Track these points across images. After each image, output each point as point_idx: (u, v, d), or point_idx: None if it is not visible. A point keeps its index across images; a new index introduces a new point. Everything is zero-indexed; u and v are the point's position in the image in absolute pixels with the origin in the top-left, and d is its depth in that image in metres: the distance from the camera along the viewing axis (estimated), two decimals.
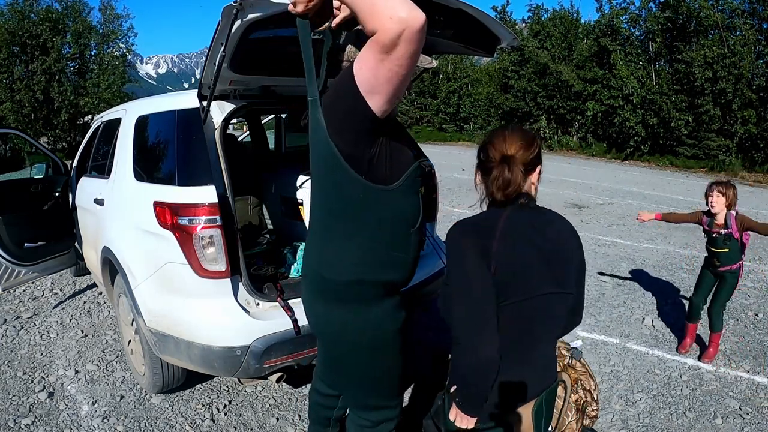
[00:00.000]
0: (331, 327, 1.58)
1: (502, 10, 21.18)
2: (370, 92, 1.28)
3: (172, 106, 2.56)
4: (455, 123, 23.32)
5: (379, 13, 1.13)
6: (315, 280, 1.56)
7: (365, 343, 1.56)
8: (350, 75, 1.29)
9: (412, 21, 1.12)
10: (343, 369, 1.67)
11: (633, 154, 16.24)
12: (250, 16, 1.68)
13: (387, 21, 1.12)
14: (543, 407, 1.33)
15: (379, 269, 1.49)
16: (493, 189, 1.27)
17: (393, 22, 1.11)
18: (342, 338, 1.58)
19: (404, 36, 1.13)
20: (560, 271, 1.29)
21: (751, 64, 13.47)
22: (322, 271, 1.52)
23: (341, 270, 1.48)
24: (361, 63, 1.26)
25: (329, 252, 1.50)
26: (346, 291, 1.50)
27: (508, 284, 1.21)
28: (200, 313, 2.26)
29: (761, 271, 5.05)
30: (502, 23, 2.32)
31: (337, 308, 1.53)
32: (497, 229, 1.24)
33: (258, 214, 3.85)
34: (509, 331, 1.24)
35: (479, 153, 1.35)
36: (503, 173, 1.25)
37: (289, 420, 2.67)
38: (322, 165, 1.44)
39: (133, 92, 20.66)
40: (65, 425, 2.61)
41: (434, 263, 2.95)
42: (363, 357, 1.60)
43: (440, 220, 3.61)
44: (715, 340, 3.28)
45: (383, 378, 1.67)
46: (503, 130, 1.33)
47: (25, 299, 4.31)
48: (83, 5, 19.19)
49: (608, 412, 2.72)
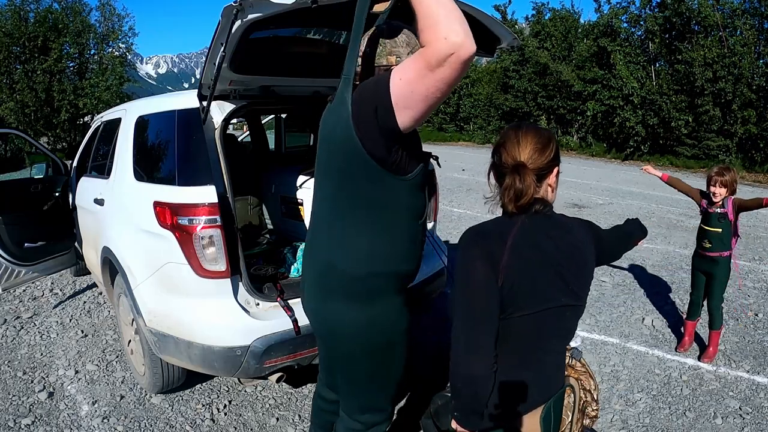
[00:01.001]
0: (342, 326, 1.52)
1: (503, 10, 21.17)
2: (402, 107, 1.26)
3: (172, 106, 2.56)
4: (455, 123, 23.31)
5: (437, 27, 1.12)
6: (325, 275, 1.50)
7: (377, 343, 1.53)
8: (386, 84, 1.26)
9: (464, 49, 1.12)
10: (345, 369, 1.63)
11: (633, 154, 16.23)
12: (250, 16, 1.68)
13: (441, 39, 1.12)
14: (551, 413, 1.31)
15: (393, 261, 1.48)
16: (504, 200, 1.21)
17: (446, 42, 1.11)
18: (352, 338, 1.53)
19: (451, 59, 1.12)
20: (575, 282, 1.25)
21: (751, 64, 13.46)
22: (336, 262, 1.46)
23: (355, 261, 1.44)
24: (400, 74, 1.24)
25: (343, 243, 1.46)
26: (360, 285, 1.46)
27: (518, 296, 1.17)
28: (200, 313, 2.26)
29: (761, 271, 5.05)
30: (502, 23, 2.32)
31: (348, 306, 1.49)
32: (508, 240, 1.18)
33: (258, 214, 3.85)
34: (520, 341, 1.21)
35: (493, 154, 1.28)
36: (514, 183, 1.17)
37: (289, 420, 2.67)
38: (337, 149, 1.39)
39: (133, 92, 20.64)
40: (65, 425, 2.61)
41: (434, 263, 2.94)
42: (373, 357, 1.56)
43: (440, 220, 3.61)
44: (715, 338, 3.28)
45: (385, 381, 1.64)
46: (516, 132, 1.25)
47: (25, 299, 4.32)
48: (83, 5, 19.18)
49: (608, 412, 2.72)
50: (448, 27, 1.11)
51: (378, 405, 1.69)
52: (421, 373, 2.97)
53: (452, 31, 1.11)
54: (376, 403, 1.68)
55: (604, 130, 17.44)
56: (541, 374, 1.29)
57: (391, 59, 1.59)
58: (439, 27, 1.12)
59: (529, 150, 1.21)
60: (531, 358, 1.25)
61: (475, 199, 8.57)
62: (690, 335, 3.40)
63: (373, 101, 1.29)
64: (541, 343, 1.25)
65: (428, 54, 1.14)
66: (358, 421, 1.69)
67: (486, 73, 22.87)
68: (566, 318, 1.26)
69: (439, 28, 1.12)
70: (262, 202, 3.85)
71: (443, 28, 1.11)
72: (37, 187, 4.06)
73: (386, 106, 1.26)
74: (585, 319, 3.81)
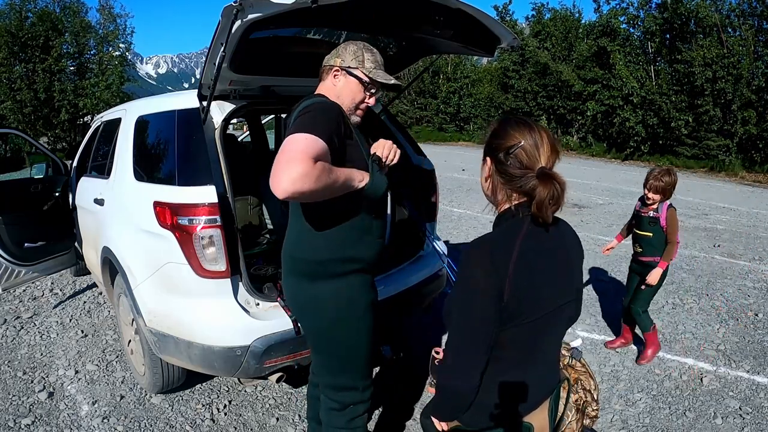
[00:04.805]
0: (304, 300, 1.73)
1: (503, 10, 21.17)
2: None
3: (172, 106, 2.56)
4: (455, 123, 23.30)
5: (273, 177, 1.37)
6: (291, 262, 1.73)
7: (335, 314, 1.70)
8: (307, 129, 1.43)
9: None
10: (316, 343, 1.80)
11: (633, 154, 16.23)
12: (250, 16, 1.68)
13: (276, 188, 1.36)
14: (553, 404, 1.35)
15: (349, 247, 1.68)
16: (542, 209, 1.10)
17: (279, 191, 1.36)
18: (314, 310, 1.72)
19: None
20: (570, 280, 1.26)
21: (750, 65, 13.47)
22: (294, 253, 1.71)
23: (313, 251, 1.66)
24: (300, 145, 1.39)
25: (302, 236, 1.68)
26: (321, 268, 1.67)
27: (524, 306, 1.14)
28: (200, 313, 2.26)
29: (761, 271, 5.05)
30: (501, 23, 2.32)
31: (309, 283, 1.69)
32: (514, 250, 1.12)
33: (258, 214, 3.85)
34: (520, 345, 1.20)
35: (500, 153, 1.18)
36: (554, 191, 1.08)
37: (289, 420, 2.67)
38: None
39: (133, 92, 20.64)
40: (65, 425, 2.61)
41: (434, 263, 2.94)
42: (334, 329, 1.72)
43: (440, 220, 3.61)
44: (650, 339, 3.18)
45: (351, 355, 1.77)
46: (531, 131, 1.15)
47: (25, 299, 4.32)
48: (81, 5, 19.18)
49: (608, 412, 2.72)
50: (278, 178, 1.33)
51: (349, 383, 1.81)
52: (421, 373, 2.97)
53: (274, 182, 1.34)
54: (347, 379, 1.80)
55: (604, 130, 17.45)
56: (545, 368, 1.31)
57: (336, 61, 1.72)
58: (272, 175, 1.35)
59: (548, 151, 1.15)
60: (531, 359, 1.25)
61: (475, 199, 8.55)
62: (626, 338, 3.37)
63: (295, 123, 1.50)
64: (542, 341, 1.25)
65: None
66: (333, 399, 1.83)
67: (486, 73, 22.88)
68: (562, 315, 1.26)
69: (271, 177, 1.35)
70: (262, 202, 3.85)
71: (272, 177, 1.34)
72: (37, 187, 4.06)
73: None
74: (585, 319, 3.81)
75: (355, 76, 1.71)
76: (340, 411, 1.83)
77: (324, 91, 1.74)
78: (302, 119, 1.49)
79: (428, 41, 2.54)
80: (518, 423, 1.26)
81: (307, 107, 1.57)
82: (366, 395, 1.86)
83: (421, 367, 3.05)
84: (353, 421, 1.84)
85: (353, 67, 1.70)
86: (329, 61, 1.74)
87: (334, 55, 1.74)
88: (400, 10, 2.16)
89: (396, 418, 2.67)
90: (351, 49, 1.72)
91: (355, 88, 1.72)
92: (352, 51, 1.71)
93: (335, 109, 1.63)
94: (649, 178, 3.03)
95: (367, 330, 1.78)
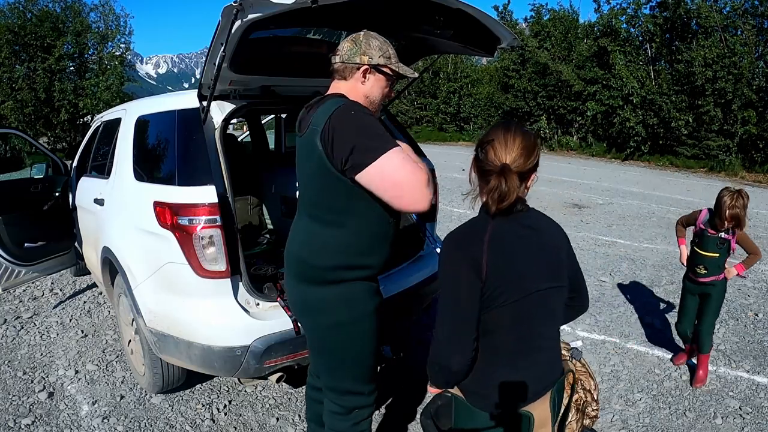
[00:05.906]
0: (309, 304, 1.71)
1: (503, 10, 21.16)
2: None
3: (172, 106, 2.56)
4: (455, 123, 23.30)
5: (401, 200, 1.54)
6: (296, 264, 1.70)
7: (340, 319, 1.68)
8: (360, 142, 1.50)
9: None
10: (320, 348, 1.78)
11: (633, 154, 16.22)
12: (250, 16, 1.68)
13: (408, 207, 1.58)
14: (555, 396, 1.37)
15: (360, 255, 1.66)
16: (488, 200, 1.24)
17: (412, 208, 1.57)
18: (319, 314, 1.70)
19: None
20: (552, 264, 1.30)
21: (751, 64, 13.46)
22: (306, 257, 1.67)
23: (326, 256, 1.63)
24: (381, 168, 1.49)
25: (315, 241, 1.65)
26: (327, 274, 1.65)
27: (503, 287, 1.21)
28: (200, 313, 2.26)
29: (761, 271, 5.05)
30: (502, 23, 2.32)
31: (315, 287, 1.67)
32: (485, 237, 1.22)
33: (258, 214, 3.86)
34: (511, 330, 1.25)
35: (478, 148, 1.29)
36: (500, 186, 1.19)
37: (289, 420, 2.67)
38: (313, 165, 1.58)
39: (133, 92, 20.63)
40: (65, 425, 2.61)
41: (434, 263, 2.94)
42: (339, 334, 1.70)
43: (440, 220, 3.61)
44: (704, 361, 2.98)
45: (356, 360, 1.76)
46: (506, 132, 1.25)
47: (25, 299, 4.32)
48: (82, 5, 19.18)
49: (608, 412, 2.72)
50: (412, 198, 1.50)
51: (354, 387, 1.79)
52: (421, 373, 2.97)
53: (415, 202, 1.51)
54: (352, 384, 1.79)
55: (604, 130, 17.44)
56: (544, 360, 1.33)
57: (363, 58, 1.63)
58: (403, 199, 1.51)
59: (517, 152, 1.22)
60: (525, 348, 1.27)
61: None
62: (687, 356, 3.20)
63: (351, 141, 1.48)
64: (533, 331, 1.29)
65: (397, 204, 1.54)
66: (338, 404, 1.80)
67: (486, 73, 22.87)
68: (550, 300, 1.30)
69: (404, 201, 1.51)
70: (262, 202, 3.85)
71: (407, 200, 1.51)
72: (37, 187, 4.06)
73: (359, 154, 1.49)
74: (585, 318, 3.81)
75: (383, 73, 1.67)
76: (345, 415, 1.80)
77: (345, 90, 1.66)
78: (364, 140, 1.49)
79: (428, 41, 2.54)
80: (516, 413, 1.27)
81: (344, 118, 1.53)
82: (371, 399, 1.85)
83: (421, 367, 3.04)
84: (358, 425, 1.82)
85: (381, 65, 1.65)
86: (352, 59, 1.63)
87: (357, 53, 1.62)
88: (401, 10, 2.16)
89: (396, 419, 2.67)
90: (375, 44, 1.64)
91: (384, 85, 1.70)
92: (377, 46, 1.64)
93: (366, 110, 1.61)
94: (723, 207, 2.75)
95: (372, 335, 1.76)
